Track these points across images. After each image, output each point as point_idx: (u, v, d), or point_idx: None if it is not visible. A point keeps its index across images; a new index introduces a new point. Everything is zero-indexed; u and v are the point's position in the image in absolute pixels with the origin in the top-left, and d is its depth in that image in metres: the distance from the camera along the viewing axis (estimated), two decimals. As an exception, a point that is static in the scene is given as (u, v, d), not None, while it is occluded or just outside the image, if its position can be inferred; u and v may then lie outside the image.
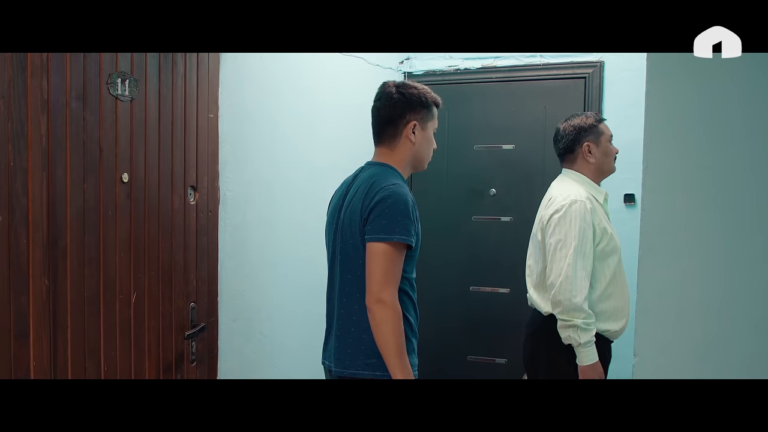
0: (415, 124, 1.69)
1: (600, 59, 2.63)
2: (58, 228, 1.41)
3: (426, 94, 1.71)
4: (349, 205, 1.66)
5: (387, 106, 1.69)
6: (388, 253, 1.53)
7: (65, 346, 1.44)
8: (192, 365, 1.87)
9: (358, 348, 1.61)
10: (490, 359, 3.05)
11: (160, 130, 1.71)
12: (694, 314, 1.17)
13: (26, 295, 1.34)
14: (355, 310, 1.62)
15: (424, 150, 1.73)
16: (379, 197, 1.57)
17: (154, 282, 1.71)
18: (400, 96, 1.68)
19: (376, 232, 1.55)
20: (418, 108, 1.69)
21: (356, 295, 1.61)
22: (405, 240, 1.55)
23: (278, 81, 2.25)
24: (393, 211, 1.55)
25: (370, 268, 1.54)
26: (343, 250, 1.65)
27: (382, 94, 1.72)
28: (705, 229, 1.16)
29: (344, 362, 1.62)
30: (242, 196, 2.08)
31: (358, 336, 1.61)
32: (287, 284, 2.33)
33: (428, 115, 1.72)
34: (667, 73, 1.17)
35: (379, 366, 1.57)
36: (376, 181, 1.62)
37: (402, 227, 1.54)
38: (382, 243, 1.53)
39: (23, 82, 1.32)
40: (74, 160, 1.45)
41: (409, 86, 1.71)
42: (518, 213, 2.92)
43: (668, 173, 1.19)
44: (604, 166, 2.12)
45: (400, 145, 1.70)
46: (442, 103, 1.77)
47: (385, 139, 1.71)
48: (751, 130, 1.13)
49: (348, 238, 1.64)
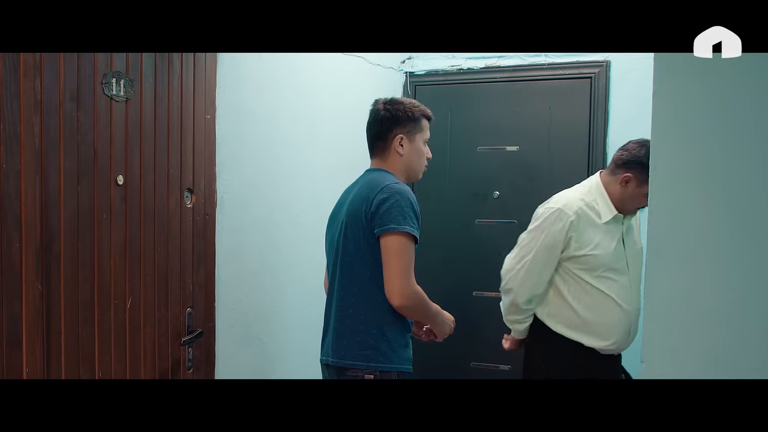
0: (402, 137, 1.83)
1: (606, 59, 2.60)
2: (51, 232, 1.39)
3: (413, 109, 1.85)
4: (350, 204, 1.76)
5: (376, 122, 1.86)
6: (401, 244, 1.64)
7: (59, 352, 1.41)
8: (189, 372, 1.85)
9: (353, 340, 1.70)
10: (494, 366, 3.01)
11: (155, 132, 1.69)
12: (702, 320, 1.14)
13: (19, 300, 1.32)
14: (351, 302, 1.72)
15: (413, 161, 1.87)
16: (384, 194, 1.68)
17: (150, 287, 1.68)
18: (386, 112, 1.83)
19: (386, 223, 1.64)
20: (405, 122, 1.83)
21: (353, 288, 1.72)
22: (412, 231, 1.65)
23: (277, 81, 2.23)
24: (400, 205, 1.65)
25: (388, 266, 1.64)
26: (344, 247, 1.74)
27: (372, 112, 1.88)
28: (714, 233, 1.13)
29: (341, 353, 1.72)
30: (240, 198, 2.05)
31: (355, 328, 1.71)
32: (286, 289, 2.30)
33: (416, 128, 1.85)
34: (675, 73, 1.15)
35: (373, 357, 1.68)
36: (379, 181, 1.73)
37: (410, 219, 1.65)
38: (394, 234, 1.64)
39: (16, 82, 1.30)
40: (68, 162, 1.42)
41: (397, 102, 1.85)
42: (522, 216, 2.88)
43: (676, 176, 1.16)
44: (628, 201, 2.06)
45: (391, 158, 1.85)
46: (432, 116, 1.90)
47: (377, 152, 1.88)
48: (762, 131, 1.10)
49: (349, 235, 1.73)
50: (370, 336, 1.68)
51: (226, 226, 1.99)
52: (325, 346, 1.81)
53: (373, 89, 2.72)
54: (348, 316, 1.72)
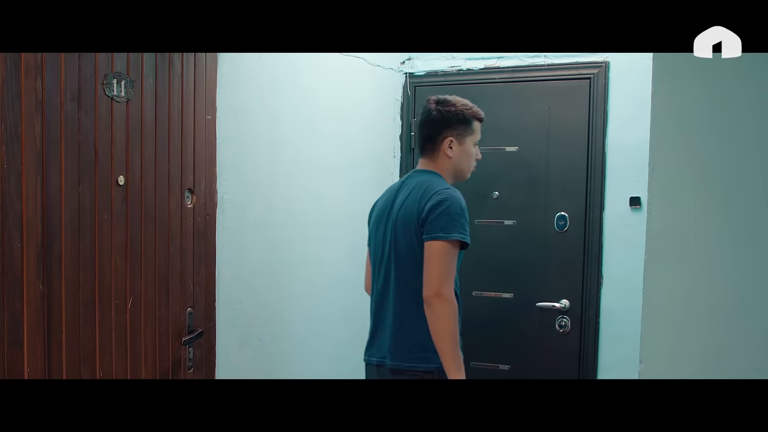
0: (452, 139, 1.83)
1: (605, 59, 2.60)
2: (52, 232, 1.39)
3: (464, 110, 1.84)
4: (402, 208, 1.78)
5: (427, 122, 1.86)
6: (445, 251, 1.66)
7: (60, 352, 1.42)
8: (189, 371, 1.85)
9: (412, 342, 1.73)
10: (494, 365, 3.01)
11: (156, 132, 1.69)
12: (700, 320, 1.14)
13: (20, 300, 1.32)
14: (409, 307, 1.74)
15: (462, 162, 1.87)
16: (436, 200, 1.70)
17: (151, 287, 1.69)
18: (438, 113, 1.83)
19: (434, 231, 1.67)
20: (455, 124, 1.83)
21: (410, 292, 1.73)
22: (463, 238, 1.68)
23: (277, 82, 2.23)
24: (451, 212, 1.68)
25: (428, 265, 1.67)
26: (396, 251, 1.78)
27: (424, 111, 1.88)
28: (712, 233, 1.14)
29: (400, 355, 1.75)
30: (240, 198, 2.05)
31: (412, 330, 1.73)
32: (286, 289, 2.30)
33: (466, 130, 1.85)
34: (674, 73, 1.15)
35: (430, 359, 1.70)
36: (430, 186, 1.75)
37: (459, 226, 1.68)
38: (440, 241, 1.66)
39: (17, 83, 1.30)
40: (69, 162, 1.43)
41: (448, 103, 1.85)
42: (522, 216, 2.88)
43: (675, 176, 1.16)
44: None
45: (440, 159, 1.85)
46: (484, 117, 1.89)
47: (426, 152, 1.88)
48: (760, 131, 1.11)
49: (401, 239, 1.77)
50: (428, 338, 1.68)
51: (227, 226, 1.99)
52: (376, 347, 1.83)
53: (373, 90, 2.72)
54: (406, 319, 1.75)
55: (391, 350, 1.76)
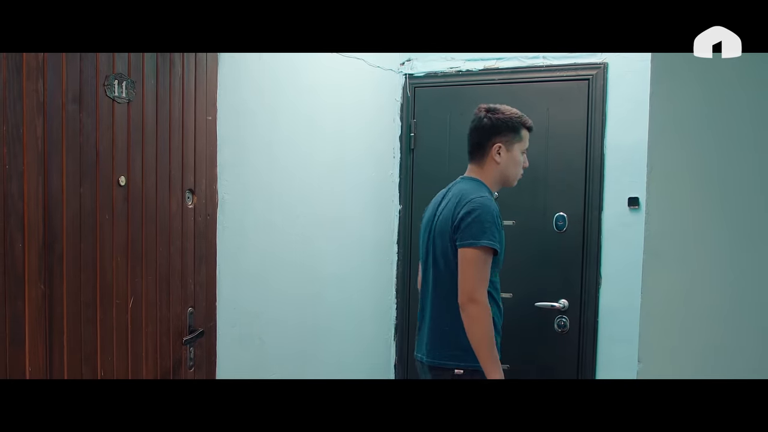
0: (500, 146, 1.91)
1: (604, 60, 2.61)
2: (54, 232, 1.39)
3: (513, 118, 1.92)
4: (440, 214, 1.88)
5: (477, 129, 1.93)
6: (477, 257, 1.74)
7: (61, 351, 1.42)
8: (190, 371, 1.85)
9: (446, 341, 1.84)
10: (493, 364, 3.02)
11: (157, 133, 1.69)
12: (699, 320, 1.15)
13: (22, 300, 1.32)
14: (444, 308, 1.84)
15: (509, 169, 1.94)
16: (468, 208, 1.78)
17: (152, 287, 1.69)
18: (488, 120, 1.91)
19: (466, 238, 1.76)
20: (504, 131, 1.91)
21: (444, 295, 1.84)
22: (492, 245, 1.75)
23: (277, 82, 2.23)
24: (480, 220, 1.75)
25: (462, 271, 1.75)
26: (434, 255, 1.88)
27: (474, 119, 1.95)
28: (711, 233, 1.14)
29: (434, 353, 1.87)
30: (241, 199, 2.06)
31: (446, 330, 1.84)
32: (287, 289, 2.31)
33: (515, 138, 1.92)
34: (672, 74, 1.15)
35: (463, 357, 1.79)
36: (465, 194, 1.84)
37: (489, 233, 1.75)
38: (471, 248, 1.74)
39: (18, 84, 1.31)
40: (70, 163, 1.43)
41: (498, 111, 1.92)
42: (521, 217, 2.89)
43: (673, 176, 1.17)
44: None
45: (488, 164, 1.93)
46: (533, 126, 1.97)
47: (475, 158, 1.96)
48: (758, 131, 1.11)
49: (438, 244, 1.87)
50: (460, 338, 1.77)
51: (227, 227, 2.00)
52: (419, 345, 1.96)
53: (373, 91, 2.73)
54: (441, 320, 1.85)
55: (428, 349, 1.89)
